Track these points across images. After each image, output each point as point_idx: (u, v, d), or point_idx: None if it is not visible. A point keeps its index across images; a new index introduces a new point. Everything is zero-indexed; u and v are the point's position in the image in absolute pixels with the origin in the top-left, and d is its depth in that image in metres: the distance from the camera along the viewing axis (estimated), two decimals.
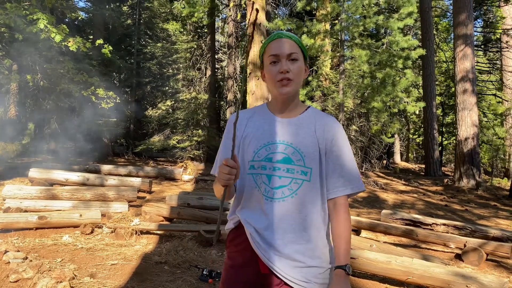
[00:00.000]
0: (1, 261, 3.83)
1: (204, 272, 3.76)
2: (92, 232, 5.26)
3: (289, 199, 1.45)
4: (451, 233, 5.34)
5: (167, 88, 19.96)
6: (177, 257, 4.33)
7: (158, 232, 5.30)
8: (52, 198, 6.37)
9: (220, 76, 20.93)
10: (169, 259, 4.26)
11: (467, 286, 3.28)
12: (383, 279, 3.89)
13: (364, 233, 5.74)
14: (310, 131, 1.51)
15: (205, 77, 17.67)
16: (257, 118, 1.60)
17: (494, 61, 21.31)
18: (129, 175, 9.50)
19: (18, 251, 4.14)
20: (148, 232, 5.29)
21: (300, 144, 1.48)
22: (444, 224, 5.53)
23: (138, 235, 5.13)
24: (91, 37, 11.54)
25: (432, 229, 5.47)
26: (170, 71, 20.22)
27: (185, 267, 4.07)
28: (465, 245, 4.82)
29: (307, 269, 1.43)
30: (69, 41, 9.15)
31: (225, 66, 20.71)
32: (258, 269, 1.47)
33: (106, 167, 9.99)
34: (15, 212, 5.53)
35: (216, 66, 20.34)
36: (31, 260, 3.89)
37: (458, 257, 4.85)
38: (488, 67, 20.51)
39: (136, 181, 8.06)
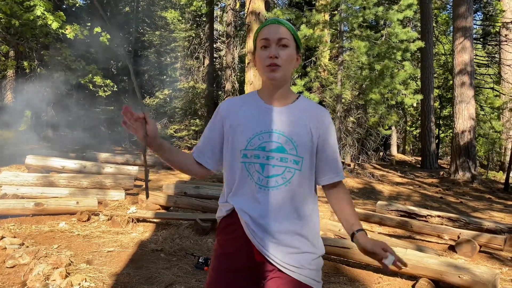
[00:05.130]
0: None
1: (200, 260, 3.79)
2: (88, 219, 5.28)
3: (282, 188, 1.47)
4: (446, 225, 5.39)
5: (165, 77, 19.87)
6: (173, 245, 4.36)
7: (155, 220, 5.32)
8: (49, 185, 6.37)
9: (218, 66, 20.83)
10: (165, 247, 4.29)
11: (459, 276, 3.32)
12: (377, 269, 3.94)
13: None
14: (301, 120, 1.52)
15: (203, 66, 17.60)
16: (248, 106, 1.59)
17: (493, 55, 21.27)
18: (126, 163, 9.49)
19: (15, 237, 4.16)
20: (144, 220, 5.31)
21: (293, 133, 1.49)
22: (438, 216, 5.58)
23: (135, 223, 5.16)
24: (89, 24, 11.43)
25: (427, 221, 5.51)
26: (168, 59, 20.11)
27: (181, 255, 4.10)
28: (458, 237, 4.86)
29: (301, 255, 1.47)
30: (67, 29, 9.08)
31: (223, 56, 20.57)
32: (251, 257, 1.48)
33: (103, 155, 9.97)
34: (11, 199, 5.54)
35: (214, 55, 20.22)
36: (27, 246, 3.92)
37: (452, 248, 4.90)
38: (487, 61, 20.48)
39: (133, 169, 8.06)
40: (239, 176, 1.52)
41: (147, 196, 1.59)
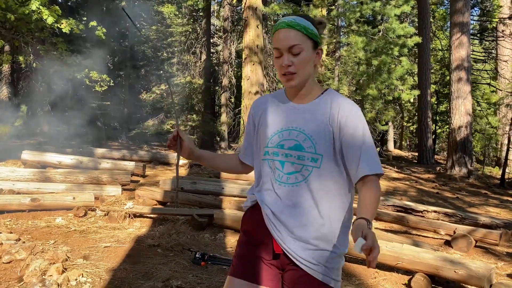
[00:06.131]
0: None
1: (197, 255, 3.79)
2: (85, 214, 5.27)
3: (302, 185, 1.48)
4: (442, 220, 5.41)
5: (161, 72, 19.79)
6: (170, 240, 4.36)
7: (152, 215, 5.32)
8: (45, 181, 6.36)
9: (215, 61, 20.75)
10: (162, 242, 4.29)
11: (455, 271, 3.34)
12: None
13: None
14: (323, 116, 1.50)
15: (200, 62, 17.53)
16: (274, 104, 1.64)
17: (490, 50, 21.29)
18: (123, 158, 9.47)
19: (11, 232, 4.15)
20: (141, 216, 5.31)
21: (312, 130, 1.49)
22: (435, 211, 5.60)
23: (131, 218, 5.15)
24: (85, 18, 11.37)
25: (423, 216, 5.53)
26: (165, 54, 20.02)
27: (178, 250, 4.10)
28: (454, 232, 4.88)
29: (319, 252, 1.46)
30: (62, 23, 9.01)
31: (220, 51, 20.51)
32: (271, 248, 1.52)
33: (99, 151, 9.96)
34: (7, 194, 5.52)
35: (211, 50, 20.16)
36: (24, 242, 3.90)
37: (448, 243, 4.92)
38: (484, 56, 20.52)
39: (129, 164, 8.04)
40: (263, 172, 1.59)
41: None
